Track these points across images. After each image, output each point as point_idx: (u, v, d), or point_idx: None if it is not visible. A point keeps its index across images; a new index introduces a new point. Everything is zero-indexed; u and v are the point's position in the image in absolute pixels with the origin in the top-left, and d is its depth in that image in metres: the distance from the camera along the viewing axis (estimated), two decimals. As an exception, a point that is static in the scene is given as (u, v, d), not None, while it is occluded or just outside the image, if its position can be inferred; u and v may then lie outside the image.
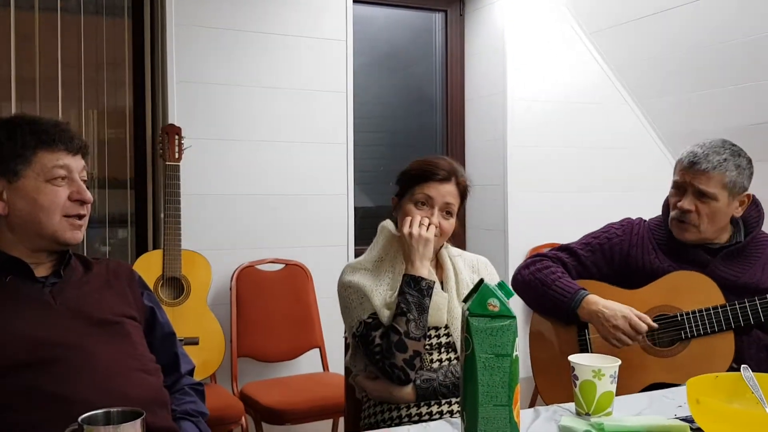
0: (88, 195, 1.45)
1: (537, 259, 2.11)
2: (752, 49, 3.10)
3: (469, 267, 1.87)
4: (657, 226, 2.07)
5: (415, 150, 3.85)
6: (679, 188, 1.99)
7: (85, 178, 1.48)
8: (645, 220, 2.12)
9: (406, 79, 3.93)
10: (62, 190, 1.42)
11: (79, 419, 0.97)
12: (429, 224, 1.74)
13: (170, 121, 3.02)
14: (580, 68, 3.83)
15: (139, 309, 1.56)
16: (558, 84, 3.79)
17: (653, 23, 3.40)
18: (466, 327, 1.10)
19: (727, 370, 1.81)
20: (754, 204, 2.02)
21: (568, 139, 3.82)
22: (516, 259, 3.66)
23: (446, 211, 1.79)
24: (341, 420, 2.94)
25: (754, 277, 1.93)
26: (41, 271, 1.45)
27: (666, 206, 2.07)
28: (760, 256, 1.97)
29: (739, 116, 3.33)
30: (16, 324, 1.34)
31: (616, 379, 1.38)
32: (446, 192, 1.78)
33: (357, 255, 2.05)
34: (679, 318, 1.91)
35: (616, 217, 2.18)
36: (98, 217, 3.21)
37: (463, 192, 1.83)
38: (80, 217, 1.45)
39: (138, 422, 0.98)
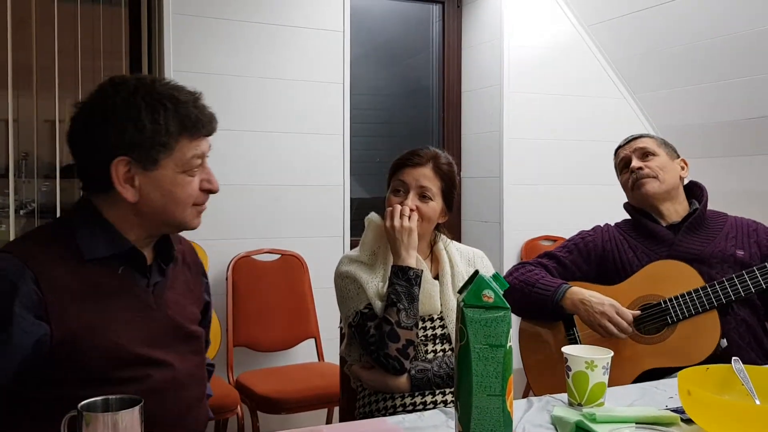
0: (217, 185, 1.36)
1: (519, 266, 2.20)
2: (749, 43, 3.11)
3: (465, 259, 1.88)
4: (623, 224, 2.19)
5: (411, 141, 3.85)
6: (626, 163, 2.17)
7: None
8: (611, 225, 2.22)
9: (403, 70, 3.93)
10: (195, 180, 1.32)
11: (78, 406, 0.99)
12: (410, 212, 1.74)
13: (167, 111, 3.01)
14: (578, 61, 3.84)
15: (200, 305, 1.51)
16: (555, 76, 3.79)
17: (651, 17, 3.40)
18: (461, 318, 1.12)
19: (715, 347, 1.85)
20: (695, 183, 2.17)
21: (564, 132, 3.83)
22: (511, 251, 3.68)
23: (422, 195, 1.78)
24: (336, 409, 2.96)
25: (719, 245, 2.02)
26: (147, 254, 1.36)
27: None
28: (721, 228, 2.07)
29: (734, 110, 3.34)
30: (117, 329, 1.25)
31: (609, 370, 1.40)
32: (420, 175, 1.78)
33: (353, 246, 2.06)
34: (663, 305, 1.95)
35: (609, 210, 2.28)
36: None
37: (444, 175, 1.80)
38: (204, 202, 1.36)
39: (136, 409, 0.99)
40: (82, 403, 0.99)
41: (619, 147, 2.23)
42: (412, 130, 3.95)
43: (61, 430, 1.01)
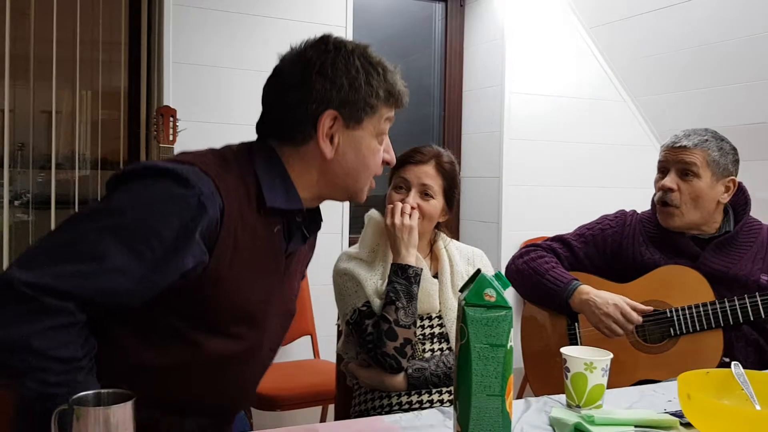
0: (395, 158, 1.40)
1: (531, 248, 2.12)
2: (752, 48, 3.10)
3: (464, 259, 1.86)
4: (648, 219, 2.07)
5: (411, 140, 3.83)
6: (663, 170, 1.99)
7: None
8: (638, 213, 2.12)
9: (405, 68, 3.86)
10: (381, 151, 1.34)
11: (70, 399, 0.96)
12: (411, 210, 1.73)
13: (165, 103, 2.99)
14: (579, 63, 3.82)
15: (301, 279, 1.54)
16: (556, 79, 3.78)
17: (653, 20, 3.39)
18: (462, 316, 1.10)
19: (718, 365, 1.82)
20: (741, 191, 2.00)
21: (564, 134, 3.82)
22: (509, 251, 3.66)
23: (424, 193, 1.77)
24: (331, 407, 2.94)
25: (745, 268, 1.92)
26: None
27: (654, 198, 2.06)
28: (751, 245, 1.95)
29: (736, 115, 3.33)
30: (253, 289, 1.26)
31: (608, 372, 1.38)
32: (422, 173, 1.77)
33: (351, 243, 2.04)
34: (668, 314, 1.91)
35: (608, 212, 2.18)
36: (91, 197, 3.19)
37: (446, 174, 1.79)
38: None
39: (129, 404, 0.97)
40: (74, 396, 0.97)
41: (667, 145, 2.01)
42: (413, 129, 3.93)
43: (51, 425, 0.99)
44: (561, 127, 3.81)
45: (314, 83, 1.24)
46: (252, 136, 1.36)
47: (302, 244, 1.38)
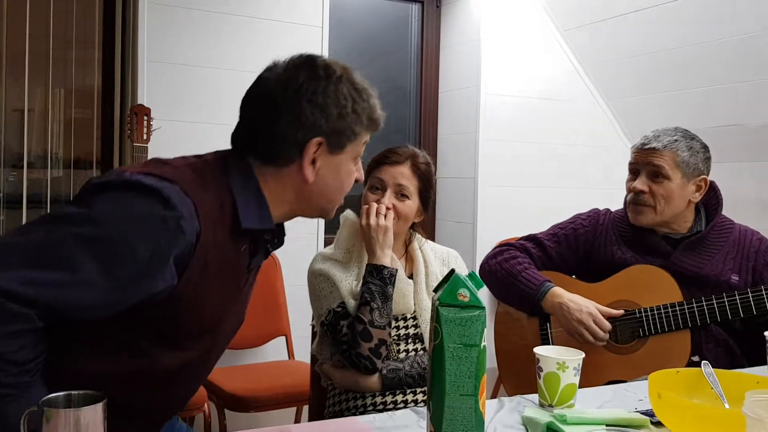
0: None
1: (504, 248, 2.12)
2: (723, 52, 3.14)
3: (439, 259, 1.87)
4: (620, 218, 2.08)
5: (387, 140, 3.81)
6: (634, 171, 2.01)
7: None
8: (611, 211, 2.14)
9: (381, 68, 3.92)
10: (355, 171, 1.37)
11: (39, 402, 0.95)
12: (386, 211, 1.73)
13: (140, 102, 2.96)
14: (553, 65, 3.86)
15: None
16: (531, 80, 3.81)
17: (626, 23, 3.43)
18: (436, 316, 1.10)
19: (686, 365, 1.84)
20: (713, 191, 2.02)
21: (539, 135, 3.85)
22: (484, 251, 3.63)
23: (400, 194, 1.77)
24: (305, 408, 2.93)
25: (716, 268, 1.94)
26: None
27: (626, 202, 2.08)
28: (722, 245, 1.97)
29: (707, 118, 3.38)
30: (214, 309, 1.25)
31: (580, 371, 1.40)
32: (398, 174, 1.77)
33: (326, 244, 2.04)
34: (638, 315, 1.93)
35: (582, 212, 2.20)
36: (63, 198, 3.15)
37: (422, 175, 1.79)
38: None
39: (99, 405, 0.96)
40: (44, 398, 0.96)
41: (637, 147, 2.01)
42: (389, 129, 3.89)
43: (21, 427, 0.97)
44: (536, 128, 3.83)
45: (305, 110, 1.24)
46: (226, 136, 1.34)
47: (264, 260, 1.38)
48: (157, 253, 1.11)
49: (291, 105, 1.25)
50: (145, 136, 2.86)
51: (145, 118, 2.88)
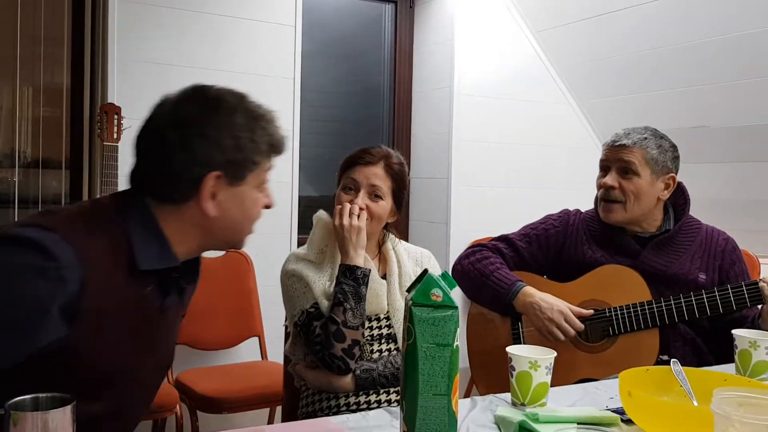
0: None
1: (477, 248, 2.14)
2: (694, 54, 3.19)
3: (412, 259, 1.87)
4: (591, 218, 2.11)
5: (360, 140, 3.83)
6: (604, 168, 2.04)
7: None
8: (581, 212, 2.16)
9: (354, 68, 3.91)
10: (261, 197, 1.31)
11: (6, 405, 0.93)
12: (359, 211, 1.73)
13: (110, 100, 2.92)
14: (526, 66, 3.88)
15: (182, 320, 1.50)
16: (503, 81, 3.83)
17: (597, 25, 3.47)
18: (409, 316, 1.11)
19: (655, 363, 1.87)
20: (681, 190, 2.06)
21: (512, 135, 3.87)
22: (457, 251, 3.66)
23: (374, 194, 1.76)
24: (278, 409, 2.92)
25: (683, 267, 1.97)
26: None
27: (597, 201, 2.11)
28: (690, 244, 2.01)
29: (678, 119, 3.43)
30: (121, 355, 1.21)
31: (552, 370, 1.41)
32: (371, 174, 1.76)
33: (300, 244, 2.03)
34: (607, 314, 1.95)
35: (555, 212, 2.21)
36: (31, 198, 3.09)
37: (395, 175, 1.79)
38: None
39: (68, 408, 0.95)
40: (10, 402, 0.94)
41: (608, 144, 2.04)
42: (362, 129, 3.93)
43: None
44: (508, 129, 3.86)
45: (196, 146, 1.20)
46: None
47: (179, 298, 1.33)
48: (37, 307, 1.08)
49: (182, 141, 1.21)
50: (115, 135, 2.83)
51: (116, 116, 2.84)
